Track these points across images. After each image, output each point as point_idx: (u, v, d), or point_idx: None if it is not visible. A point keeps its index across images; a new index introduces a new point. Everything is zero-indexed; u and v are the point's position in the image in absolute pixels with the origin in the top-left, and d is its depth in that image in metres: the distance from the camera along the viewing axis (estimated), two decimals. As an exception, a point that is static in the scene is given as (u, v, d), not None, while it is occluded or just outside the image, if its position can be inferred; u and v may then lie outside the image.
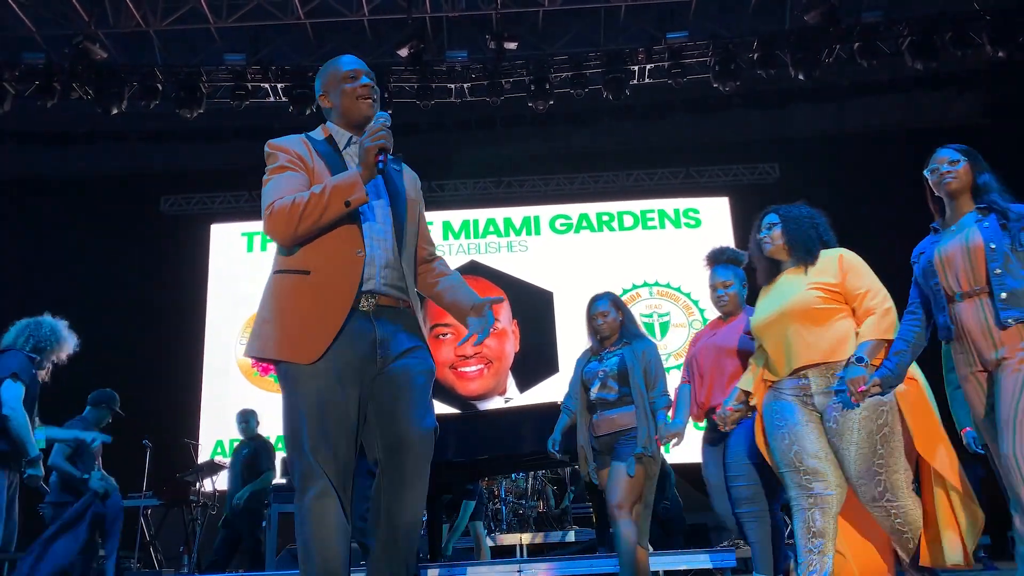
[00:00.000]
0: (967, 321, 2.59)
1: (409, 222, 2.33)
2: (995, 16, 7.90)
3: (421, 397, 2.21)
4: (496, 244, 9.95)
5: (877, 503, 2.70)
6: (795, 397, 2.86)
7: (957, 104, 10.04)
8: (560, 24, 9.19)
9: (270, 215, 2.17)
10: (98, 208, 9.68)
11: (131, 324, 9.15)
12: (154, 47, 8.86)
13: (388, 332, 2.21)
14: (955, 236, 2.65)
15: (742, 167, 10.35)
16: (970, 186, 2.72)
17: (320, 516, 2.05)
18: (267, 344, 2.16)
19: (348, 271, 2.17)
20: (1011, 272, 2.52)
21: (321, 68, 2.46)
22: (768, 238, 3.02)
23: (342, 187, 2.13)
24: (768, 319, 2.95)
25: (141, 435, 7.21)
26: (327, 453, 2.08)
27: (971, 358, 2.60)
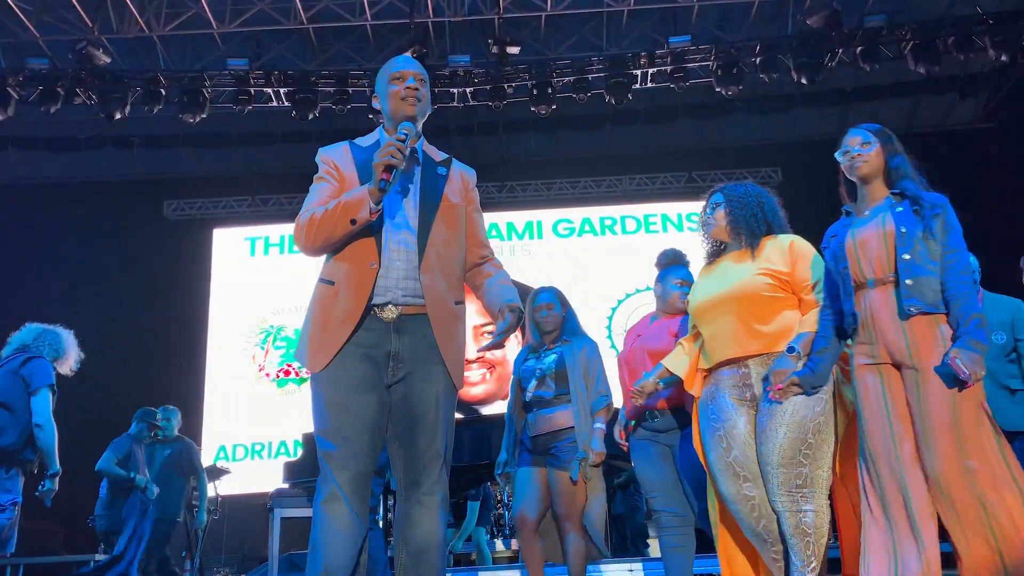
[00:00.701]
0: (877, 310, 2.41)
1: (440, 229, 2.28)
2: (997, 20, 7.89)
3: (435, 417, 2.21)
4: (499, 248, 9.90)
5: (790, 495, 2.49)
6: (734, 388, 2.68)
7: (960, 108, 10.04)
8: (562, 29, 9.20)
9: (295, 227, 2.23)
10: (101, 213, 9.70)
11: (134, 328, 9.17)
12: (157, 52, 8.89)
13: (407, 345, 2.21)
14: (870, 220, 2.50)
15: (745, 171, 10.31)
16: (882, 169, 2.58)
17: (327, 520, 2.09)
18: (298, 350, 2.26)
19: (360, 284, 2.19)
20: (919, 260, 2.36)
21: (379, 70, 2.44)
22: (712, 218, 2.86)
23: (350, 205, 2.15)
24: (709, 301, 2.75)
25: (144, 440, 7.21)
26: (341, 460, 2.12)
27: (876, 349, 2.40)
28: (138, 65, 8.87)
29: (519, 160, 10.23)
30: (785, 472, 2.50)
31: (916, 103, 9.99)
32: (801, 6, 8.24)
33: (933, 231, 2.38)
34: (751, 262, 2.74)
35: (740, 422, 2.64)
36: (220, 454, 8.95)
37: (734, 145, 10.29)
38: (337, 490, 2.10)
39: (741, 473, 2.59)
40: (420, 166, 2.34)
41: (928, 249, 2.37)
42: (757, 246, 2.75)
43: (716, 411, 2.69)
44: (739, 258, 2.78)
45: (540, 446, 3.57)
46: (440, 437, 2.21)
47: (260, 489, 7.81)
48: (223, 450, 9.02)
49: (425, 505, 2.17)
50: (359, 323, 2.17)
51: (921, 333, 2.33)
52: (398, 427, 2.21)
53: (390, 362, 2.19)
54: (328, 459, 2.13)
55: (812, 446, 2.51)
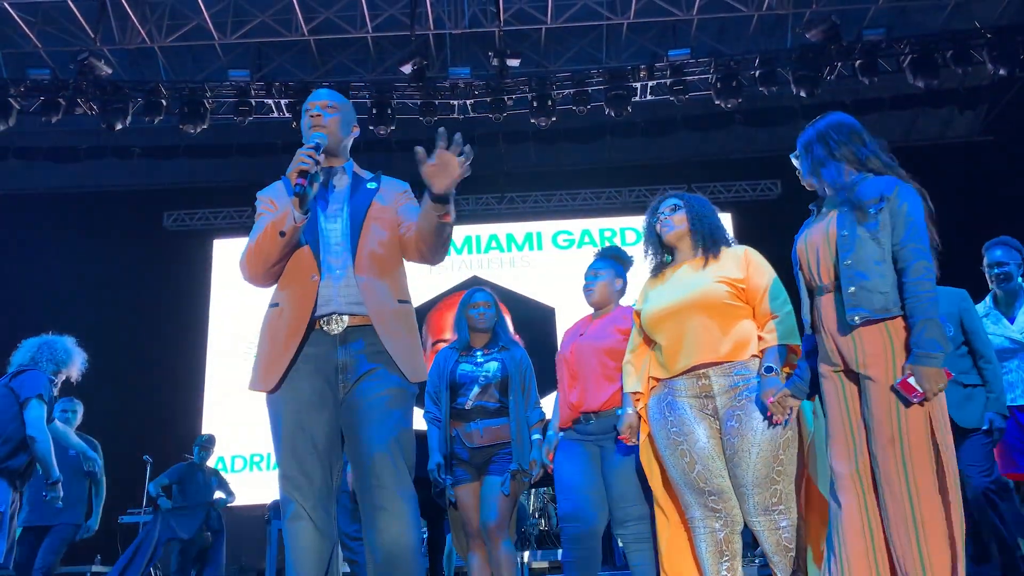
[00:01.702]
0: (828, 318, 2.27)
1: (373, 232, 2.32)
2: (995, 34, 7.93)
3: (382, 417, 2.19)
4: (498, 260, 9.95)
5: (768, 514, 2.49)
6: (693, 398, 2.63)
7: (958, 121, 10.07)
8: (562, 41, 9.24)
9: (240, 264, 2.31)
10: (101, 223, 9.71)
11: (133, 339, 9.16)
12: (159, 63, 8.92)
13: (352, 355, 2.24)
14: (820, 221, 2.38)
15: (744, 184, 10.36)
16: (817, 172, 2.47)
17: (292, 538, 2.15)
18: (251, 377, 2.29)
19: (303, 298, 2.23)
20: (862, 264, 2.16)
21: None
22: (671, 220, 2.80)
23: (276, 220, 2.21)
24: (666, 310, 2.71)
25: (142, 451, 7.20)
26: (299, 478, 2.16)
27: (834, 357, 2.26)
28: (139, 76, 8.89)
29: (519, 172, 10.25)
30: (760, 492, 2.50)
31: (915, 116, 10.02)
32: (800, 20, 8.28)
33: (877, 229, 2.18)
34: (705, 270, 2.72)
35: (701, 434, 2.60)
36: (219, 465, 8.91)
37: (733, 157, 10.31)
38: (299, 509, 2.14)
39: (706, 489, 2.57)
40: (350, 184, 2.42)
41: (877, 248, 2.17)
42: (717, 254, 2.73)
43: (676, 422, 2.63)
44: (693, 267, 2.77)
45: (480, 457, 3.43)
46: (391, 438, 2.17)
47: (258, 501, 7.78)
48: (221, 461, 8.98)
49: (388, 510, 2.13)
50: (305, 337, 2.20)
51: (870, 340, 2.17)
52: (349, 433, 2.22)
53: (339, 375, 2.22)
54: (285, 480, 2.17)
55: (783, 462, 2.51)
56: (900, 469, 2.06)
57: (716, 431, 2.61)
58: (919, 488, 2.04)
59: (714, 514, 2.56)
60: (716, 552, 2.55)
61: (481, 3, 8.58)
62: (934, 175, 3.24)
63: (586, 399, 3.09)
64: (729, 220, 9.99)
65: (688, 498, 2.61)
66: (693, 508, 2.60)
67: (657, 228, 2.88)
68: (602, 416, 3.06)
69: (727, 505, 2.56)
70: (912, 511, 2.03)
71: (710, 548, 2.55)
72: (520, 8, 8.52)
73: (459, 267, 9.77)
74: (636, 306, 2.91)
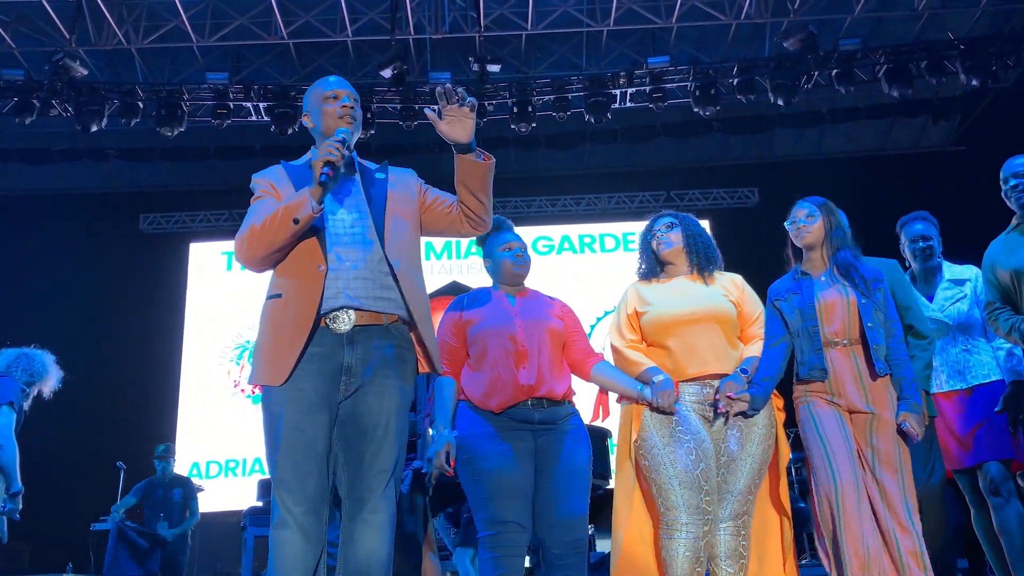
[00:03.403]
0: (840, 368, 2.75)
1: (395, 224, 2.28)
2: (968, 46, 8.06)
3: (384, 433, 2.16)
4: (478, 265, 9.93)
5: (738, 519, 2.65)
6: (698, 404, 2.71)
7: (932, 131, 10.22)
8: (542, 48, 9.27)
9: (236, 241, 2.23)
10: (76, 226, 9.58)
11: (107, 343, 9.05)
12: (135, 65, 8.83)
13: (360, 356, 2.17)
14: (830, 287, 2.84)
15: (722, 191, 10.44)
16: (823, 240, 2.91)
17: (278, 545, 2.07)
18: (252, 370, 2.23)
19: (310, 289, 2.16)
20: (876, 328, 2.75)
21: (308, 89, 2.47)
22: (668, 237, 2.91)
23: (291, 206, 2.13)
24: (681, 315, 2.77)
25: (115, 457, 7.11)
26: (292, 483, 2.09)
27: (839, 400, 2.73)
28: (115, 77, 8.80)
29: (499, 177, 10.05)
30: (740, 499, 2.66)
31: (890, 125, 10.16)
32: (778, 29, 8.36)
33: (876, 301, 2.79)
34: (709, 287, 2.86)
35: (707, 439, 2.67)
36: (193, 471, 8.82)
37: (712, 165, 10.40)
38: (287, 515, 2.07)
39: (705, 487, 2.60)
40: (358, 174, 2.37)
41: (880, 318, 2.78)
42: (711, 273, 2.89)
43: (682, 421, 2.68)
44: (693, 281, 2.89)
45: None
46: (388, 453, 2.16)
47: (234, 507, 7.71)
48: (196, 467, 8.89)
49: (369, 523, 2.11)
50: (312, 333, 2.13)
51: (879, 390, 2.73)
52: (344, 442, 2.16)
53: (342, 377, 2.16)
54: (278, 483, 2.10)
55: (762, 475, 2.70)
56: (900, 489, 2.64)
57: (712, 437, 2.70)
58: (909, 498, 2.67)
59: (703, 516, 2.58)
60: (694, 557, 2.57)
61: (462, 8, 8.59)
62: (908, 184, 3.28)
63: (545, 383, 2.75)
64: (707, 227, 10.01)
65: (676, 498, 2.59)
66: (679, 511, 2.58)
67: (653, 245, 2.96)
68: (555, 405, 2.78)
69: (714, 508, 2.61)
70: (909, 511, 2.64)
71: (689, 552, 2.56)
72: (501, 14, 8.53)
73: (439, 272, 9.75)
74: (631, 307, 2.91)
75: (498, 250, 2.98)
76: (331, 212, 2.25)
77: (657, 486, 2.64)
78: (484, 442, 2.69)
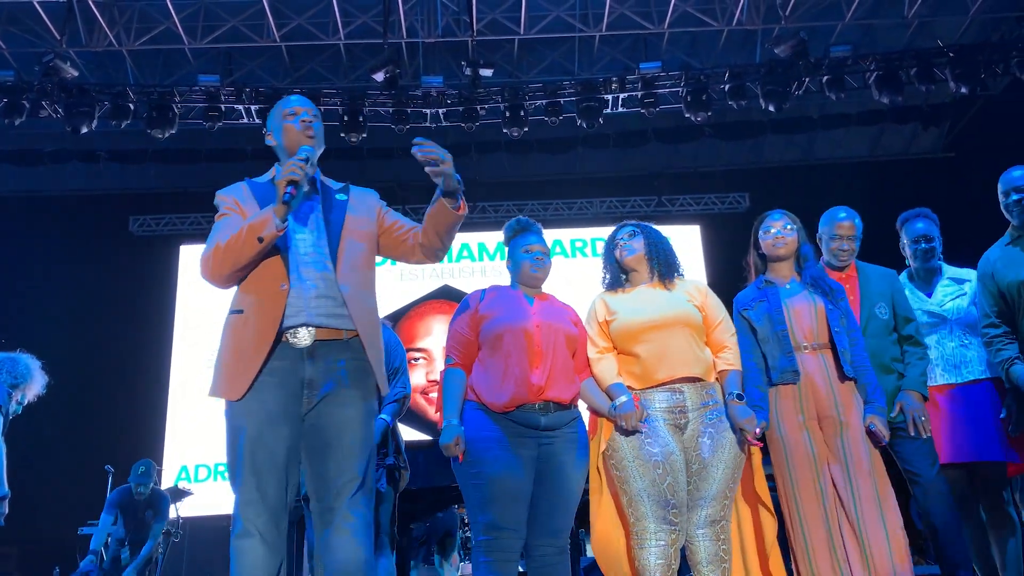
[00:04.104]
0: (811, 370, 2.85)
1: (351, 243, 2.34)
2: (958, 53, 8.11)
3: (351, 441, 2.21)
4: (470, 269, 9.94)
5: (715, 525, 2.70)
6: (668, 413, 2.75)
7: (922, 137, 10.29)
8: (535, 53, 9.29)
9: (201, 260, 2.28)
10: (65, 227, 9.54)
11: (96, 345, 9.00)
12: (127, 67, 8.80)
13: (321, 371, 2.22)
14: (797, 294, 2.96)
15: (713, 196, 10.48)
16: (795, 250, 3.06)
17: (240, 554, 2.12)
18: (212, 383, 2.25)
19: (271, 306, 2.21)
20: (842, 333, 2.89)
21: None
22: (631, 244, 3.00)
23: (255, 224, 2.18)
24: (650, 321, 2.82)
25: (103, 460, 7.06)
26: (253, 494, 2.13)
27: (807, 405, 2.82)
28: (106, 79, 8.77)
29: (491, 181, 10.26)
30: (714, 505, 2.70)
31: (880, 132, 10.22)
32: (769, 35, 8.40)
33: (843, 311, 2.95)
34: (672, 292, 2.92)
35: (676, 450, 2.70)
36: (182, 474, 8.78)
37: (703, 170, 10.42)
38: (249, 525, 2.11)
39: (672, 501, 2.64)
40: (320, 194, 2.42)
41: (845, 325, 2.92)
42: (672, 280, 2.96)
43: (650, 433, 2.70)
44: (656, 288, 2.95)
45: None
46: (354, 462, 2.20)
47: (223, 511, 7.66)
48: (185, 470, 8.85)
49: (345, 531, 2.16)
50: (272, 349, 2.17)
51: (845, 393, 2.84)
52: (310, 453, 2.21)
53: (304, 390, 2.20)
54: (240, 493, 2.14)
55: (735, 480, 2.75)
56: (873, 495, 2.71)
57: (682, 446, 2.74)
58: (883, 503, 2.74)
59: (670, 527, 2.63)
60: (666, 565, 2.62)
61: (454, 13, 8.60)
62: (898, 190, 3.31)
63: (555, 386, 2.77)
64: (698, 232, 10.10)
65: (645, 509, 2.65)
66: (648, 520, 2.64)
67: (616, 253, 3.05)
68: (561, 410, 2.80)
69: (682, 519, 2.66)
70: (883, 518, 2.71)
71: (661, 560, 2.61)
72: (493, 19, 8.55)
73: (430, 275, 9.74)
74: (600, 316, 2.97)
75: (520, 251, 3.05)
76: (294, 231, 2.30)
77: (627, 497, 2.70)
78: (489, 447, 2.70)
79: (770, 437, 2.87)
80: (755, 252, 3.13)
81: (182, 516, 7.19)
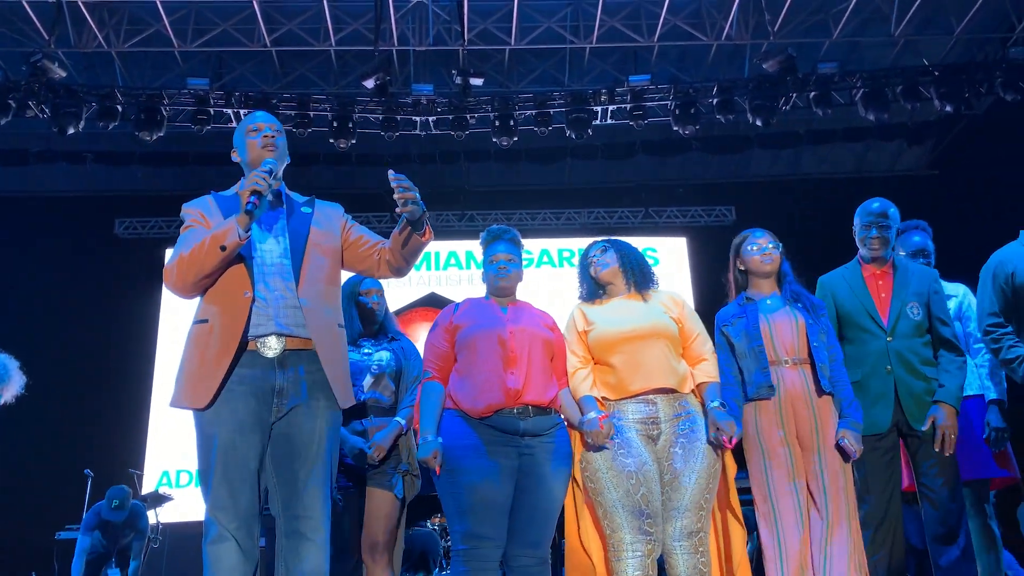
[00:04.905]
0: (790, 384, 2.85)
1: (313, 257, 2.37)
2: (943, 72, 8.22)
3: (317, 452, 2.24)
4: (457, 277, 9.94)
5: (692, 537, 2.68)
6: (641, 424, 2.76)
7: (907, 155, 10.40)
8: (525, 63, 9.33)
9: (165, 270, 2.30)
10: (50, 229, 9.45)
11: (79, 348, 8.92)
12: (115, 68, 8.76)
13: (290, 381, 2.24)
14: (778, 309, 2.97)
15: (700, 209, 10.53)
16: (779, 267, 3.08)
17: (215, 560, 2.14)
18: (174, 393, 2.27)
19: (235, 315, 2.23)
20: (820, 347, 2.91)
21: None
22: (603, 259, 3.02)
23: (218, 234, 2.21)
24: (626, 332, 2.84)
25: (84, 464, 6.99)
26: (225, 500, 2.15)
27: (787, 419, 2.83)
28: (95, 80, 8.72)
29: (480, 190, 10.28)
30: (689, 516, 2.69)
31: (866, 148, 10.32)
32: (758, 51, 8.48)
33: (823, 327, 2.96)
34: (648, 304, 2.95)
35: (649, 460, 2.71)
36: (163, 479, 8.70)
37: (690, 183, 10.49)
38: (223, 531, 2.13)
39: (646, 511, 2.64)
40: (284, 207, 2.46)
41: (824, 340, 2.93)
42: (648, 291, 2.98)
43: (623, 443, 2.72)
44: (633, 299, 2.98)
45: (367, 459, 3.02)
46: (321, 473, 2.22)
47: (203, 517, 7.60)
48: (166, 475, 8.78)
49: (311, 540, 2.19)
50: (237, 357, 2.19)
51: (824, 407, 2.85)
52: (276, 461, 2.23)
53: (274, 398, 2.22)
54: (212, 501, 2.16)
55: (711, 490, 2.75)
56: (844, 511, 2.76)
57: (655, 457, 2.75)
58: (852, 514, 2.80)
59: (646, 537, 2.63)
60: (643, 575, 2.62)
61: (446, 22, 8.63)
62: (883, 206, 3.34)
63: (532, 389, 2.74)
64: (684, 244, 10.15)
65: (620, 520, 2.65)
66: (623, 531, 2.64)
67: (591, 270, 3.06)
68: (541, 414, 2.77)
69: (657, 529, 2.66)
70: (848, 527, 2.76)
71: (638, 572, 2.61)
72: (485, 28, 8.58)
73: (417, 283, 9.73)
74: (579, 326, 2.98)
75: (488, 262, 3.03)
76: (259, 242, 2.34)
77: (602, 508, 2.70)
78: (467, 455, 2.67)
79: (749, 449, 2.88)
80: (736, 269, 3.13)
81: (162, 522, 7.12)
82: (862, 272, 3.22)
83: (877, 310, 3.09)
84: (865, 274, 3.20)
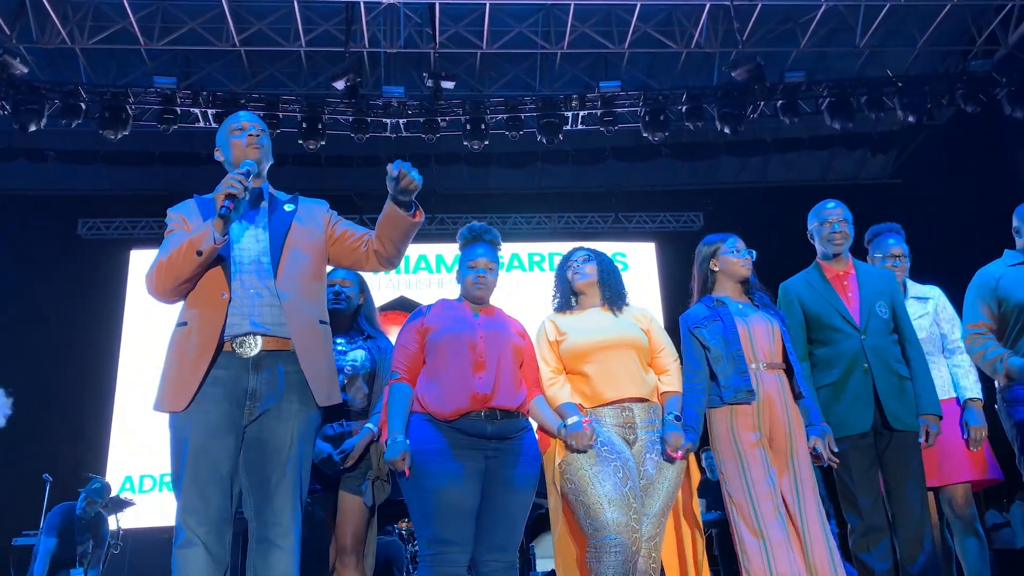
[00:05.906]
0: (769, 387, 2.89)
1: (294, 252, 2.36)
2: (906, 83, 8.39)
3: (289, 456, 2.23)
4: (427, 280, 9.91)
5: (649, 542, 2.75)
6: (617, 427, 2.84)
7: (871, 163, 10.60)
8: (497, 67, 9.34)
9: (147, 278, 2.30)
10: (10, 228, 9.24)
11: (39, 351, 8.73)
12: (79, 65, 8.61)
13: (264, 383, 2.22)
14: (753, 314, 3.02)
15: (668, 215, 10.62)
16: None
17: (183, 565, 2.11)
18: (156, 397, 2.26)
19: (212, 316, 2.23)
20: (792, 352, 2.99)
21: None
22: (584, 269, 3.08)
23: (195, 239, 2.21)
24: (600, 342, 2.90)
25: (42, 469, 6.83)
26: (196, 504, 2.13)
27: (764, 423, 2.86)
28: (58, 77, 8.56)
29: (450, 193, 10.26)
30: (655, 522, 2.77)
31: (832, 157, 10.49)
32: (727, 59, 8.58)
33: (793, 334, 3.06)
34: (620, 317, 3.01)
35: (631, 458, 2.78)
36: (126, 485, 8.55)
37: (659, 189, 10.57)
38: (192, 535, 2.11)
39: (633, 505, 2.68)
40: (267, 205, 2.45)
41: (794, 348, 3.02)
42: (621, 308, 3.05)
43: (606, 443, 2.77)
44: (605, 312, 3.05)
45: (336, 465, 2.93)
46: (293, 478, 2.21)
47: (168, 523, 7.47)
48: (129, 480, 8.62)
49: (282, 548, 2.17)
50: (215, 358, 2.19)
51: (798, 412, 2.93)
52: (249, 465, 2.21)
53: (247, 401, 2.21)
54: (183, 504, 2.14)
55: (673, 500, 2.84)
56: (818, 511, 2.82)
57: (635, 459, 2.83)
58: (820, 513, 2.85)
59: (632, 535, 2.64)
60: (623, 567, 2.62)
61: (417, 24, 8.61)
62: (847, 213, 3.39)
63: (500, 393, 2.71)
64: (653, 249, 10.22)
65: (606, 518, 2.63)
66: (608, 530, 2.62)
67: (569, 275, 3.11)
68: (508, 418, 2.74)
69: (640, 526, 2.70)
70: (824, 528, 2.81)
71: (619, 572, 2.61)
72: (456, 32, 8.58)
73: (386, 286, 9.68)
74: (551, 336, 3.01)
75: (465, 265, 2.97)
76: (236, 242, 2.33)
77: (585, 507, 2.69)
78: (433, 459, 2.63)
79: (724, 451, 2.89)
80: (708, 270, 3.14)
81: (124, 527, 6.99)
82: (825, 274, 3.25)
83: (848, 309, 3.11)
84: (828, 275, 3.24)
